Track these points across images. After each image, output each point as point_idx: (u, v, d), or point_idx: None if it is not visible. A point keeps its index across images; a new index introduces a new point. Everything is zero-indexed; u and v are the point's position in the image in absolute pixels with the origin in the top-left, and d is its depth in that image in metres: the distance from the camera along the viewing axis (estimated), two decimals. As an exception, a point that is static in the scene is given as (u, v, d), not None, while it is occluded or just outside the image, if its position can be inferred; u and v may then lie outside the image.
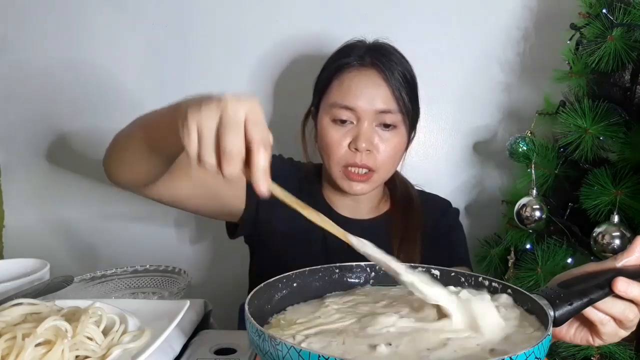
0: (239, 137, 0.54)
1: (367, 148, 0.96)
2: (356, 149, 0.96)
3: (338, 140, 0.98)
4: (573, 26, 1.19)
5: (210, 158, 0.55)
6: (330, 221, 0.63)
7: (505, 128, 1.41)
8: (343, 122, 0.98)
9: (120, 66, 1.43)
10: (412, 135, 1.06)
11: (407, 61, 1.03)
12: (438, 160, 1.45)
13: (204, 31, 1.41)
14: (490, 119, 1.43)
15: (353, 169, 0.98)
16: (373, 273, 0.74)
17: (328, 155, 1.00)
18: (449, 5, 1.39)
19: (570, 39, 1.21)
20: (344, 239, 0.62)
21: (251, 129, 0.55)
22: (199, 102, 0.57)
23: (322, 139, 1.00)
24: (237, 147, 0.54)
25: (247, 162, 0.55)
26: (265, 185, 0.55)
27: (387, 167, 1.01)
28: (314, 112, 1.08)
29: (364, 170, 0.98)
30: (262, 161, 0.54)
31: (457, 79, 1.41)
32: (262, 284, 0.64)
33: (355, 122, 0.98)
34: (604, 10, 1.13)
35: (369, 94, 0.97)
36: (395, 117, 0.98)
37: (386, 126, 0.98)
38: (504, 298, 0.64)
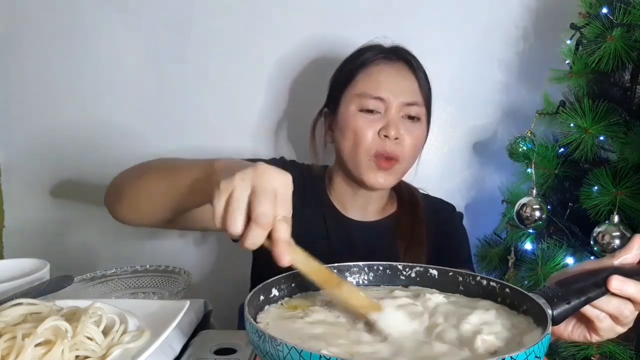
0: (272, 206, 0.55)
1: (395, 136, 0.98)
2: (386, 136, 0.98)
3: (367, 127, 0.99)
4: (573, 26, 1.19)
5: (237, 223, 0.55)
6: (357, 292, 0.61)
7: (505, 128, 1.42)
8: (370, 111, 0.99)
9: (121, 66, 1.43)
10: (428, 131, 1.08)
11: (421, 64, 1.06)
12: (438, 160, 1.45)
13: (204, 32, 1.41)
14: (490, 119, 1.43)
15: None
16: (371, 273, 0.74)
17: (356, 144, 1.00)
18: (448, 5, 1.39)
19: (570, 39, 1.21)
20: (373, 311, 0.60)
21: (278, 204, 0.56)
22: (233, 167, 0.58)
23: (349, 127, 1.01)
24: (269, 215, 0.54)
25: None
26: (287, 258, 0.56)
27: (410, 158, 1.03)
28: (327, 112, 1.08)
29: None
30: (285, 234, 0.55)
31: (456, 78, 1.41)
32: (261, 284, 0.64)
33: (382, 112, 1.00)
34: (604, 10, 1.13)
35: (398, 85, 1.00)
36: (420, 110, 1.02)
37: (411, 118, 1.01)
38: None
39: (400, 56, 1.03)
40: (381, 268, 0.74)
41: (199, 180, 0.68)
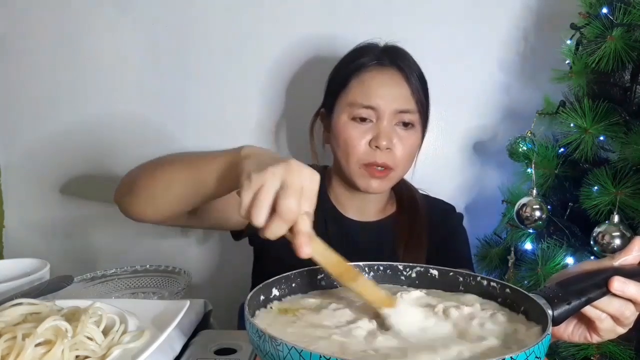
0: (298, 202, 0.57)
1: (387, 146, 0.98)
2: (377, 147, 0.98)
3: (357, 137, 0.99)
4: (573, 26, 1.19)
5: (261, 215, 0.56)
6: (373, 286, 0.63)
7: (505, 128, 1.41)
8: (362, 120, 0.99)
9: (121, 66, 1.43)
10: (424, 135, 1.07)
11: (417, 64, 1.05)
12: (438, 161, 1.45)
13: (202, 32, 1.41)
14: (490, 119, 1.43)
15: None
16: (372, 273, 0.74)
17: (346, 153, 1.00)
18: (448, 6, 1.39)
19: (570, 39, 1.21)
20: (386, 305, 0.62)
21: (303, 199, 0.58)
22: (263, 159, 0.61)
23: (340, 137, 1.01)
24: (293, 213, 0.56)
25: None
26: (308, 250, 0.58)
27: (404, 165, 1.02)
28: (324, 113, 1.08)
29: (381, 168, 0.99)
30: (306, 227, 0.58)
31: (457, 79, 1.41)
32: (261, 284, 0.64)
33: (374, 121, 0.99)
34: (604, 10, 1.13)
35: (390, 93, 0.99)
36: (413, 117, 1.01)
37: (404, 125, 1.00)
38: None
39: (393, 62, 1.01)
40: (381, 268, 0.74)
41: (224, 168, 0.68)
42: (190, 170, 0.74)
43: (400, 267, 0.74)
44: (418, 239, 1.07)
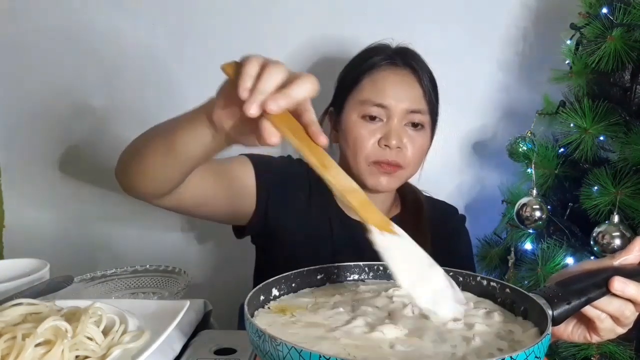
0: (306, 92, 0.60)
1: (397, 145, 0.98)
2: (386, 146, 0.98)
3: (367, 136, 0.99)
4: (573, 26, 1.19)
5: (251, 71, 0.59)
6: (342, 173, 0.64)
7: (505, 128, 1.41)
8: (372, 118, 0.99)
9: (121, 67, 1.43)
10: (432, 137, 1.08)
11: (428, 66, 1.05)
12: (438, 161, 1.44)
13: (205, 32, 1.41)
14: (490, 119, 1.43)
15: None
16: (371, 273, 0.74)
17: (355, 151, 1.00)
18: (448, 6, 1.39)
19: (570, 39, 1.21)
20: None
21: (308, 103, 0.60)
22: None
23: (350, 135, 1.01)
24: (306, 90, 0.61)
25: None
26: (325, 138, 0.62)
27: (413, 165, 1.03)
28: (332, 112, 1.08)
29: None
30: (315, 118, 0.60)
31: (456, 79, 1.40)
32: (261, 284, 0.64)
33: (385, 120, 0.99)
34: (604, 10, 1.13)
35: (402, 93, 1.00)
36: (424, 118, 1.02)
37: (414, 125, 1.01)
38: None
39: (406, 62, 1.02)
40: (381, 268, 0.74)
41: (199, 108, 0.71)
42: (169, 126, 0.75)
43: (400, 267, 0.74)
44: (421, 240, 1.05)
